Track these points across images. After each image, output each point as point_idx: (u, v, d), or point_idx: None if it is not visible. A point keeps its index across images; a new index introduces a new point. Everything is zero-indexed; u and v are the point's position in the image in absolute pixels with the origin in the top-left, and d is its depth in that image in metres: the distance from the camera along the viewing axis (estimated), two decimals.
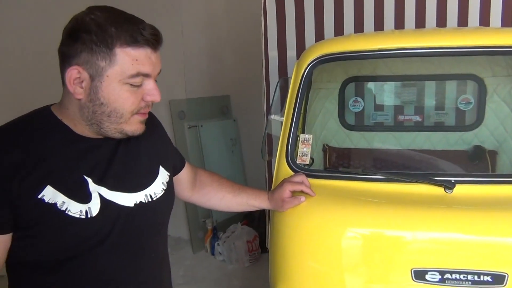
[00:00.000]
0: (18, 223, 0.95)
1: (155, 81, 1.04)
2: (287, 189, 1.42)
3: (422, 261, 1.31)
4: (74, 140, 1.03)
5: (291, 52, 2.76)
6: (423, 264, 1.31)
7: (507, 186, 1.44)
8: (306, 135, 1.64)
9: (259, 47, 3.29)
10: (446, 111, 2.47)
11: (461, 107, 2.39)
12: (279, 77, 2.77)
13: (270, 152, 2.07)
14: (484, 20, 2.53)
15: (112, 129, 1.02)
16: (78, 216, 0.97)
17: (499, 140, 2.32)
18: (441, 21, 2.57)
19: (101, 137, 1.06)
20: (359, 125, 2.54)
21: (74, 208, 0.97)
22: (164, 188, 1.17)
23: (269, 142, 2.30)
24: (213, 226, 3.94)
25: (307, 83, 1.66)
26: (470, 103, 2.37)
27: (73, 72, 0.96)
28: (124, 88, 0.98)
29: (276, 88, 2.06)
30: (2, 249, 0.96)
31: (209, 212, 4.00)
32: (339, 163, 2.38)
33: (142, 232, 1.10)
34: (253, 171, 4.31)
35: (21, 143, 0.97)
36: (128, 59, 0.96)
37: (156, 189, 1.14)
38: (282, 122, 1.72)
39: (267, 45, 2.78)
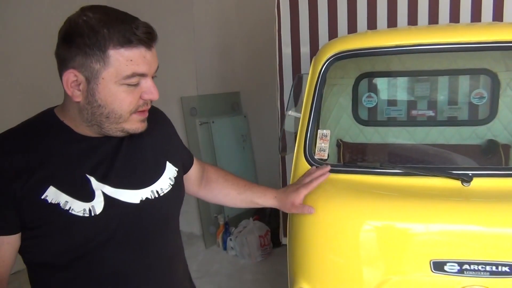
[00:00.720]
0: (25, 224, 0.97)
1: (154, 77, 1.04)
2: (302, 195, 1.42)
3: (441, 253, 1.33)
4: (76, 140, 1.04)
5: (305, 48, 2.79)
6: (441, 256, 1.33)
7: None
8: (324, 131, 1.67)
9: (269, 44, 3.32)
10: (460, 105, 2.48)
11: (475, 101, 2.40)
12: (293, 74, 2.80)
13: (285, 148, 2.10)
14: (497, 16, 2.54)
15: (113, 129, 1.02)
16: (81, 214, 0.98)
17: None
18: (454, 17, 2.58)
19: (103, 136, 1.06)
20: (372, 120, 2.55)
21: (77, 207, 0.98)
22: (172, 183, 1.17)
23: (283, 138, 2.33)
24: (225, 221, 3.99)
25: (324, 79, 1.69)
26: (484, 97, 2.37)
27: (69, 76, 0.97)
28: (120, 89, 0.98)
29: (293, 84, 2.09)
30: (10, 250, 0.98)
31: (221, 208, 4.04)
32: (354, 158, 2.40)
33: (149, 228, 1.10)
34: (264, 167, 4.34)
35: (24, 146, 0.99)
36: (122, 60, 0.95)
37: (163, 184, 1.14)
38: (298, 118, 1.76)
39: (281, 42, 2.81)
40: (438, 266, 1.33)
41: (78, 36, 0.94)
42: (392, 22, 2.66)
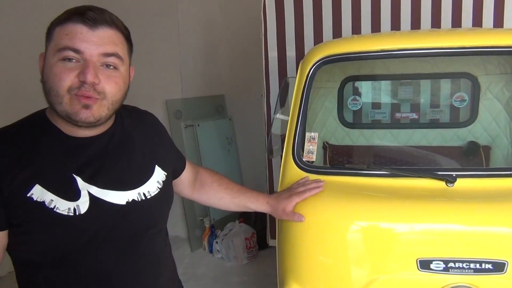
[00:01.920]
0: (11, 221, 0.98)
1: (111, 67, 1.02)
2: (294, 202, 1.45)
3: (427, 252, 1.37)
4: (63, 140, 1.05)
5: (291, 52, 2.82)
6: (428, 254, 1.37)
7: (504, 179, 1.51)
8: (312, 133, 1.70)
9: (254, 47, 3.34)
10: (441, 108, 2.54)
11: (456, 104, 2.46)
12: (279, 77, 2.83)
13: (271, 151, 2.12)
14: (477, 21, 2.62)
15: (62, 113, 1.00)
16: (66, 213, 0.99)
17: (492, 135, 2.40)
18: (436, 23, 2.65)
19: (90, 135, 1.07)
20: (357, 123, 2.60)
21: (62, 206, 0.99)
22: (160, 187, 1.17)
23: (270, 140, 2.35)
24: (210, 224, 3.98)
25: (311, 83, 1.72)
26: (464, 100, 2.44)
27: (40, 59, 1.04)
28: (57, 64, 0.98)
29: (282, 87, 2.12)
30: None
31: (206, 211, 4.04)
32: (339, 160, 2.44)
33: (134, 229, 1.11)
34: (249, 170, 4.36)
35: (12, 145, 1.01)
36: (60, 34, 0.98)
37: (151, 187, 1.14)
38: (285, 121, 1.78)
39: (267, 45, 2.84)
40: (425, 265, 1.37)
41: (49, 25, 1.03)
42: (376, 27, 2.71)
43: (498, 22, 2.61)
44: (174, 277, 1.32)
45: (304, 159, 1.66)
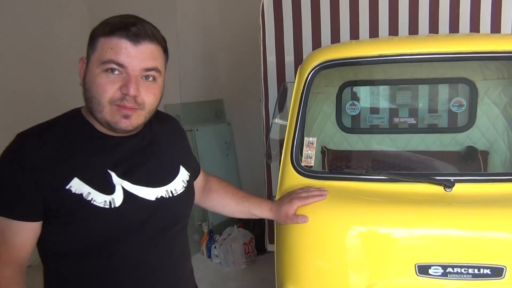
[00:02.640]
0: (49, 213, 1.04)
1: (149, 78, 1.08)
2: (296, 206, 1.46)
3: (425, 257, 1.38)
4: (98, 137, 1.12)
5: (289, 57, 2.83)
6: (426, 259, 1.37)
7: (502, 184, 1.52)
8: (311, 138, 1.70)
9: (252, 52, 3.35)
10: (439, 113, 2.55)
11: (454, 109, 2.47)
12: (277, 82, 2.84)
13: (270, 156, 2.13)
14: (474, 27, 2.63)
15: (101, 120, 1.07)
16: (102, 206, 1.05)
17: (490, 140, 2.41)
18: (433, 28, 2.66)
19: (123, 135, 1.13)
20: (356, 127, 2.61)
21: (99, 199, 1.06)
22: (185, 186, 1.25)
23: (269, 145, 2.36)
24: (209, 229, 3.97)
25: (310, 88, 1.72)
26: (462, 105, 2.45)
27: (80, 63, 1.11)
28: (100, 74, 1.04)
29: (280, 92, 2.12)
30: (32, 236, 1.06)
31: (205, 215, 4.03)
32: (338, 165, 2.44)
33: (163, 223, 1.17)
34: (247, 174, 4.36)
35: (53, 140, 1.07)
36: (105, 47, 1.04)
37: (177, 186, 1.22)
38: (284, 126, 1.79)
39: (266, 50, 2.85)
40: (423, 270, 1.37)
41: (91, 32, 1.10)
42: (374, 33, 2.73)
43: (496, 27, 2.62)
44: (192, 274, 1.38)
45: (302, 164, 1.66)
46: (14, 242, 1.04)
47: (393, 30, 2.71)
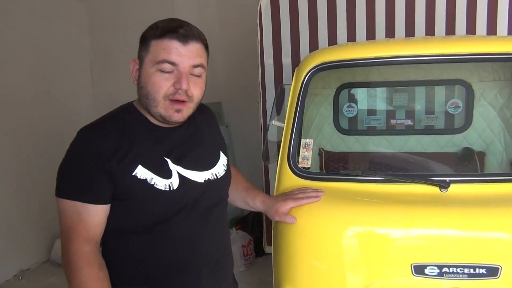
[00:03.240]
0: (118, 196, 1.19)
1: (195, 75, 1.22)
2: (289, 206, 1.51)
3: (421, 257, 1.38)
4: (152, 129, 1.27)
5: (286, 60, 2.84)
6: (422, 260, 1.38)
7: (497, 184, 1.53)
8: (307, 140, 1.71)
9: (250, 55, 3.36)
10: (436, 115, 2.56)
11: (450, 111, 2.49)
12: (275, 84, 2.85)
13: (268, 157, 2.14)
14: (470, 29, 2.64)
15: (154, 113, 1.22)
16: (163, 189, 1.21)
17: (486, 142, 2.41)
18: (430, 30, 2.68)
19: (171, 126, 1.27)
20: (353, 129, 2.61)
21: (160, 183, 1.21)
22: (225, 169, 1.41)
23: (267, 147, 2.36)
24: None
25: (307, 90, 1.73)
26: (459, 107, 2.46)
27: (133, 63, 1.25)
28: (155, 73, 1.19)
29: (277, 94, 2.13)
30: (104, 216, 1.21)
31: None
32: (335, 167, 2.45)
33: (211, 202, 1.33)
34: (245, 176, 4.34)
35: (117, 131, 1.22)
36: (158, 48, 1.18)
37: (219, 169, 1.38)
38: (281, 128, 1.80)
39: (263, 53, 2.86)
40: (419, 270, 1.38)
41: (142, 36, 1.23)
42: (370, 35, 2.74)
43: (492, 29, 2.64)
44: (230, 244, 1.52)
45: (299, 165, 1.67)
46: (90, 222, 1.18)
47: (390, 32, 2.72)
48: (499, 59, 1.81)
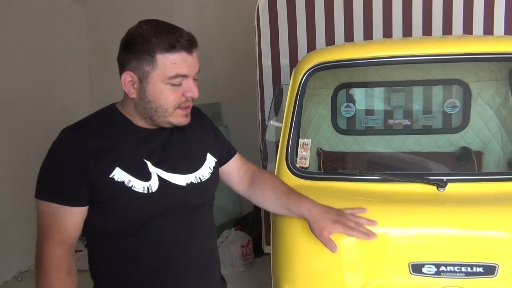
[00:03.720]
0: (96, 198, 1.18)
1: (195, 79, 1.23)
2: (336, 230, 1.34)
3: (419, 256, 1.39)
4: (134, 130, 1.25)
5: (284, 60, 2.85)
6: (419, 258, 1.39)
7: (494, 183, 1.54)
8: (305, 140, 1.72)
9: (249, 56, 3.37)
10: (434, 114, 2.57)
11: (448, 110, 2.49)
12: (273, 85, 2.86)
13: (266, 157, 2.15)
14: (467, 29, 2.66)
15: (162, 121, 1.23)
16: (141, 191, 1.19)
17: (484, 141, 2.42)
18: (427, 30, 2.69)
19: (156, 127, 1.26)
20: (351, 129, 2.62)
21: (138, 185, 1.19)
22: (211, 172, 1.37)
23: (265, 147, 2.37)
24: None
25: (304, 90, 1.74)
26: (456, 106, 2.47)
27: (126, 76, 1.19)
28: (166, 87, 1.18)
29: (275, 95, 2.14)
30: (81, 219, 1.19)
31: None
32: (333, 167, 2.46)
33: (193, 204, 1.30)
34: None
35: (96, 132, 1.20)
36: (168, 63, 1.16)
37: (204, 172, 1.34)
38: (279, 128, 1.81)
39: (261, 54, 2.87)
40: (417, 268, 1.39)
41: (133, 44, 1.17)
42: (368, 35, 2.75)
43: (488, 29, 2.65)
44: (216, 248, 1.50)
45: (297, 165, 1.68)
46: (65, 224, 1.16)
47: (387, 33, 2.73)
48: (496, 59, 1.82)
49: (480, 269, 1.35)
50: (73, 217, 1.18)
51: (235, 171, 1.52)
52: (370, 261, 1.43)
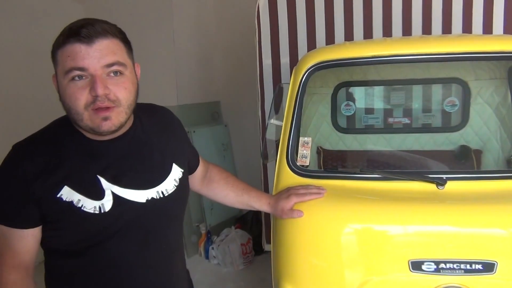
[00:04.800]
0: (44, 218, 1.10)
1: (116, 75, 1.08)
2: (292, 202, 1.49)
3: (419, 253, 1.40)
4: (86, 144, 1.14)
5: (285, 59, 2.86)
6: (419, 256, 1.40)
7: (493, 181, 1.55)
8: (306, 138, 1.73)
9: (248, 54, 3.38)
10: (433, 113, 2.58)
11: (447, 109, 2.50)
12: (273, 83, 2.87)
13: (267, 156, 2.16)
14: (467, 28, 2.67)
15: (86, 128, 1.09)
16: (92, 211, 1.10)
17: (483, 139, 2.43)
18: (426, 29, 2.70)
19: (111, 138, 1.15)
20: (351, 128, 2.63)
21: (89, 205, 1.10)
22: (176, 184, 1.25)
23: (265, 145, 2.38)
24: (206, 230, 3.99)
25: (305, 89, 1.75)
26: (456, 105, 2.48)
27: (53, 80, 1.12)
28: (68, 85, 1.06)
29: (276, 93, 2.15)
30: (34, 241, 1.12)
31: (202, 217, 4.05)
32: (333, 165, 2.47)
33: (153, 224, 1.20)
34: (244, 175, 4.37)
35: (43, 151, 1.11)
36: (63, 57, 1.05)
37: (168, 185, 1.23)
38: (280, 126, 1.81)
39: (261, 52, 2.88)
40: (416, 266, 1.40)
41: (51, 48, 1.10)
42: (368, 34, 2.76)
43: (488, 28, 2.66)
44: (185, 271, 1.42)
45: (298, 163, 1.68)
46: (17, 247, 1.10)
47: (387, 31, 2.74)
48: (495, 58, 1.83)
49: (479, 266, 1.36)
50: (25, 240, 1.10)
51: (198, 175, 1.51)
52: (370, 258, 1.44)
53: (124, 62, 1.10)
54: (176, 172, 1.27)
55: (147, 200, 1.17)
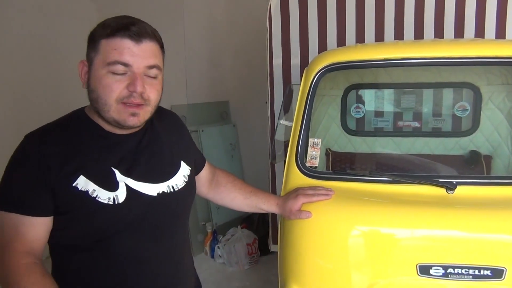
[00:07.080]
0: (58, 209, 1.09)
1: (151, 77, 1.13)
2: (300, 202, 1.50)
3: (427, 257, 1.39)
4: (103, 136, 1.16)
5: (295, 60, 2.86)
6: (427, 260, 1.39)
7: (503, 187, 1.54)
8: (315, 139, 1.73)
9: (258, 55, 3.38)
10: (444, 117, 2.56)
11: (458, 113, 2.49)
12: (283, 84, 2.87)
13: (275, 157, 2.16)
14: (479, 32, 2.65)
15: (109, 119, 1.12)
16: (106, 202, 1.11)
17: (493, 145, 2.42)
18: (439, 33, 2.69)
19: (126, 133, 1.18)
20: (360, 130, 2.63)
21: (103, 195, 1.11)
22: (186, 180, 1.29)
23: (274, 146, 2.38)
24: (213, 229, 4.00)
25: (315, 90, 1.75)
26: (466, 110, 2.46)
27: (80, 65, 1.14)
28: (106, 75, 1.08)
29: (286, 94, 2.15)
30: (45, 230, 1.11)
31: (208, 216, 4.06)
32: (342, 167, 2.46)
33: (163, 218, 1.22)
34: (252, 175, 4.39)
35: (60, 139, 1.13)
36: (108, 49, 1.07)
37: (178, 181, 1.26)
38: (289, 127, 1.81)
39: (272, 53, 2.88)
40: (424, 270, 1.39)
41: (90, 35, 1.12)
42: (379, 36, 2.75)
43: (501, 33, 2.64)
44: (192, 266, 1.43)
45: (307, 164, 1.68)
46: (27, 236, 1.08)
47: (399, 35, 2.73)
48: (508, 63, 1.81)
49: (488, 272, 1.36)
50: (36, 228, 1.09)
51: (204, 178, 1.52)
52: (377, 261, 1.43)
53: (161, 66, 1.16)
54: (185, 169, 1.31)
55: (158, 194, 1.20)
